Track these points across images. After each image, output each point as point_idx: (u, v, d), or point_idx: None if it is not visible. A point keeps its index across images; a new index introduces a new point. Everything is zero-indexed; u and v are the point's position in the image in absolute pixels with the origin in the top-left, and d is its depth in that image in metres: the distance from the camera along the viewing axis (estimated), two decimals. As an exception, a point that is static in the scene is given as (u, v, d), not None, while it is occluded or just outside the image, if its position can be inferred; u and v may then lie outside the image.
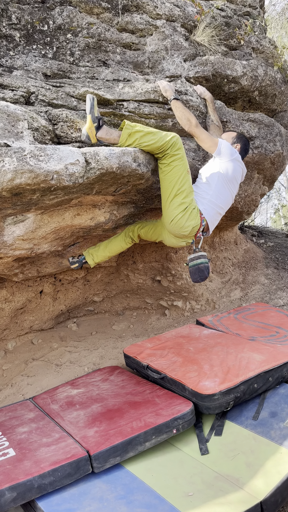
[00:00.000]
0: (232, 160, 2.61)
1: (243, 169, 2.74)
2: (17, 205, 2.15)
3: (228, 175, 2.62)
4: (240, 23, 3.34)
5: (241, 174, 2.72)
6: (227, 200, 2.68)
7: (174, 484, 1.81)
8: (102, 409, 2.29)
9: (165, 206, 2.50)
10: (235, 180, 2.68)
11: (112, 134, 2.37)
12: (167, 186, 2.45)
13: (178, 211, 2.45)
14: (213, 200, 2.59)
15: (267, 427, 2.03)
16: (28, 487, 1.72)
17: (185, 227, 2.48)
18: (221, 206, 2.65)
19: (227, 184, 2.63)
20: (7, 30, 2.50)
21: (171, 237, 2.64)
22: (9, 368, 3.18)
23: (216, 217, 2.65)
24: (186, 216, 2.46)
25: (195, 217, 2.48)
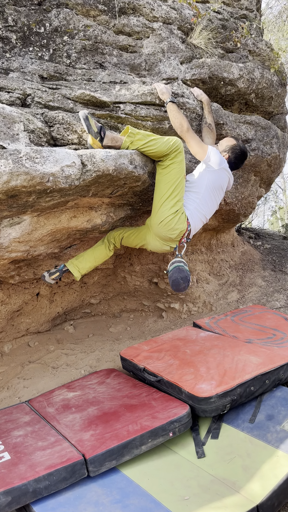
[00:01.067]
0: (220, 169, 2.63)
1: (230, 178, 2.76)
2: (13, 207, 2.14)
3: (215, 184, 2.64)
4: (236, 25, 3.35)
5: (227, 182, 2.74)
6: (212, 208, 2.71)
7: (170, 488, 1.80)
8: (98, 412, 2.27)
9: (157, 206, 2.49)
10: (221, 189, 2.71)
11: (117, 141, 2.38)
12: (163, 187, 2.45)
13: (170, 213, 2.45)
14: (198, 209, 2.61)
15: (263, 430, 2.03)
16: (23, 492, 1.71)
17: (174, 229, 2.48)
18: (205, 215, 2.68)
19: (213, 193, 2.66)
20: (4, 32, 2.50)
21: (156, 240, 2.62)
22: (5, 371, 3.16)
23: (199, 224, 2.68)
24: (176, 219, 2.46)
25: (183, 222, 2.50)
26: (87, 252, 2.82)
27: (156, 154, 2.41)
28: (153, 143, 2.37)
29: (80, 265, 2.76)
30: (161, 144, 2.37)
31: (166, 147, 2.37)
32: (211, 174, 2.62)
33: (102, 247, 2.82)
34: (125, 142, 2.37)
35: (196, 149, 2.60)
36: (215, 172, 2.62)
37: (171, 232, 2.50)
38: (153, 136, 2.39)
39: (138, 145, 2.37)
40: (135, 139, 2.36)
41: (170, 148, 2.37)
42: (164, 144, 2.37)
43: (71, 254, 3.04)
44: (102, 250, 2.81)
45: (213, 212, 2.77)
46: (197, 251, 4.03)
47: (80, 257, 2.79)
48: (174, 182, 2.43)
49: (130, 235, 2.77)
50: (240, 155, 2.80)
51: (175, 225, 2.47)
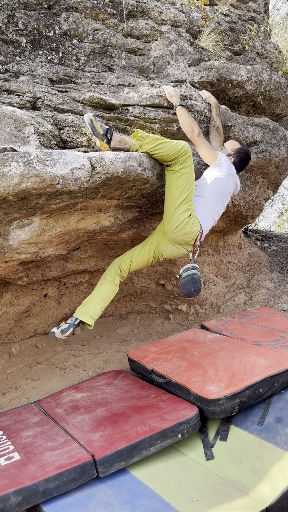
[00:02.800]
0: (228, 175, 2.66)
1: (237, 184, 2.79)
2: (23, 209, 2.16)
3: (224, 189, 2.67)
4: (244, 28, 3.36)
5: (234, 188, 2.78)
6: (219, 212, 2.73)
7: (179, 489, 1.80)
8: (107, 413, 2.28)
9: (170, 212, 2.50)
10: (229, 194, 2.74)
11: (126, 143, 2.39)
12: (174, 192, 2.45)
13: (184, 217, 2.46)
14: (208, 212, 2.64)
15: (272, 432, 2.02)
16: (33, 492, 1.72)
17: (190, 232, 2.51)
18: (214, 217, 2.71)
19: (221, 198, 2.69)
20: (14, 36, 2.52)
21: (172, 245, 2.61)
22: (13, 372, 3.18)
23: (209, 227, 2.71)
24: (191, 223, 2.49)
25: (197, 225, 2.53)
26: (93, 296, 2.61)
27: (164, 158, 2.42)
28: (162, 147, 2.38)
29: (90, 311, 2.55)
30: (169, 147, 2.38)
31: (174, 151, 2.37)
32: (220, 180, 2.64)
33: (106, 285, 2.63)
34: (134, 145, 2.38)
35: (207, 154, 2.63)
36: (223, 178, 2.65)
37: (187, 236, 2.52)
38: (162, 140, 2.40)
39: (146, 148, 2.38)
40: (144, 142, 2.38)
41: (178, 152, 2.38)
42: (173, 148, 2.38)
43: (79, 256, 3.05)
44: (107, 288, 2.62)
45: (220, 214, 2.79)
46: (204, 253, 4.03)
47: (87, 303, 2.58)
48: (185, 187, 2.44)
49: (140, 251, 2.69)
50: (244, 159, 2.84)
51: (191, 228, 2.49)
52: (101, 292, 2.61)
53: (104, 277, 2.68)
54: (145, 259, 2.70)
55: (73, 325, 2.52)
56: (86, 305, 2.57)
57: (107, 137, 2.32)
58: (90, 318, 2.53)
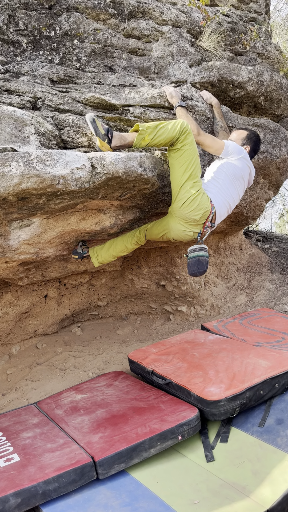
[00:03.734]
0: (240, 159, 2.59)
1: (251, 169, 2.70)
2: (23, 209, 2.15)
3: (236, 172, 2.59)
4: (245, 28, 3.35)
5: (248, 173, 2.69)
6: (233, 197, 2.64)
7: (180, 491, 1.79)
8: (107, 414, 2.27)
9: (176, 190, 2.45)
10: (242, 179, 2.65)
11: (126, 139, 2.35)
12: (178, 170, 2.41)
13: (191, 193, 2.40)
14: (221, 193, 2.56)
15: (273, 434, 2.01)
16: (32, 493, 1.71)
17: (198, 209, 2.43)
18: (229, 201, 2.61)
19: (234, 181, 2.60)
20: (14, 36, 2.52)
21: (179, 224, 2.55)
22: (13, 373, 3.17)
23: (223, 210, 2.60)
24: (199, 199, 2.42)
25: (206, 202, 2.45)
26: (108, 242, 2.85)
27: (167, 141, 2.37)
28: (162, 132, 2.34)
29: (99, 252, 2.84)
30: (170, 129, 2.34)
31: (175, 132, 2.34)
32: (230, 164, 2.59)
33: (123, 239, 2.82)
34: (137, 140, 2.33)
35: (215, 146, 2.57)
36: (234, 161, 2.58)
37: (195, 213, 2.44)
38: (160, 124, 2.36)
39: (149, 139, 2.34)
40: (145, 135, 2.34)
41: (179, 132, 2.35)
42: (173, 129, 2.34)
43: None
44: (122, 242, 2.82)
45: (236, 202, 2.71)
46: (204, 253, 4.02)
47: (102, 245, 2.86)
48: (190, 163, 2.39)
49: (154, 225, 2.74)
50: (257, 141, 2.78)
51: (199, 205, 2.42)
52: (116, 242, 2.83)
53: (126, 234, 2.85)
54: (156, 233, 2.73)
55: (82, 256, 2.84)
56: (100, 246, 2.86)
57: (108, 137, 2.30)
58: (96, 258, 2.84)
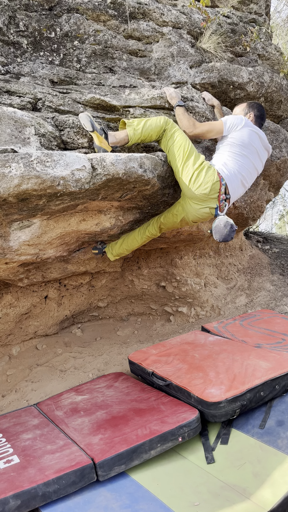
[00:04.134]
0: (242, 128, 2.52)
1: (260, 134, 2.59)
2: (23, 210, 2.15)
3: (243, 141, 2.51)
4: (246, 30, 3.35)
5: (258, 139, 2.57)
6: (246, 167, 2.55)
7: (180, 493, 1.79)
8: (107, 416, 2.27)
9: (179, 172, 2.45)
10: (253, 148, 2.55)
11: (120, 136, 2.39)
12: (176, 155, 2.44)
13: (193, 170, 2.40)
14: (229, 164, 2.50)
15: (274, 436, 2.01)
16: (32, 495, 1.71)
17: (205, 183, 2.40)
18: (241, 172, 2.52)
19: (243, 151, 2.52)
20: (15, 37, 2.52)
21: (194, 204, 2.50)
22: (13, 374, 3.17)
23: (235, 181, 2.51)
24: (203, 173, 2.40)
25: (212, 174, 2.41)
26: (123, 236, 2.94)
27: (157, 131, 2.45)
28: (150, 123, 2.43)
29: (113, 246, 2.95)
30: (155, 121, 2.44)
31: (161, 122, 2.44)
32: (234, 135, 2.53)
33: (135, 233, 2.87)
34: (129, 132, 2.39)
35: (213, 128, 2.55)
36: (237, 132, 2.52)
37: (203, 187, 2.40)
38: (146, 118, 2.45)
39: (139, 130, 2.40)
40: (134, 125, 2.40)
41: (164, 122, 2.45)
42: (158, 120, 2.45)
43: (79, 257, 3.04)
44: (134, 236, 2.87)
45: (252, 175, 2.62)
46: (205, 254, 4.02)
47: (115, 245, 2.95)
48: (183, 144, 2.42)
49: (166, 217, 2.71)
50: (258, 106, 2.73)
51: (204, 178, 2.40)
52: (129, 237, 2.90)
53: (139, 227, 2.89)
54: (173, 219, 2.69)
55: (101, 251, 2.99)
56: (115, 241, 2.97)
57: (105, 132, 2.32)
58: (111, 253, 2.96)
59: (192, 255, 3.86)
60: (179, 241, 3.44)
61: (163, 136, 2.49)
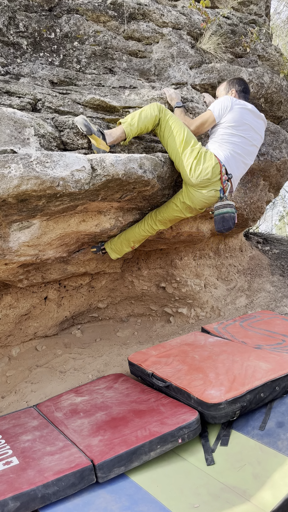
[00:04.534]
0: (232, 109, 2.52)
1: (251, 109, 2.58)
2: (23, 211, 2.15)
3: (235, 121, 2.52)
4: (246, 31, 3.35)
5: (251, 115, 2.57)
6: (243, 145, 2.56)
7: (180, 495, 1.78)
8: (107, 417, 2.26)
9: (180, 163, 2.47)
10: (246, 125, 2.55)
11: (116, 133, 2.39)
12: (173, 143, 2.45)
13: (192, 159, 2.42)
14: (223, 144, 2.51)
15: (274, 437, 2.00)
16: (31, 497, 1.70)
17: (205, 168, 2.42)
18: (237, 151, 2.53)
19: (236, 131, 2.53)
20: (15, 38, 2.52)
21: (200, 190, 2.51)
22: (13, 375, 3.16)
23: (231, 160, 2.52)
24: (202, 160, 2.42)
25: (210, 158, 2.44)
26: (122, 232, 2.88)
27: (153, 121, 2.45)
28: (145, 114, 2.42)
29: (113, 243, 2.91)
30: (149, 110, 2.44)
31: (155, 110, 2.44)
32: (224, 119, 2.53)
33: (135, 228, 2.82)
34: (126, 128, 2.39)
35: (205, 119, 2.54)
36: (227, 115, 2.52)
37: (204, 173, 2.43)
38: (137, 111, 2.44)
39: (135, 125, 2.40)
40: (129, 121, 2.40)
41: (158, 110, 2.45)
42: (151, 109, 2.44)
43: (79, 258, 3.04)
44: (134, 230, 2.82)
45: (251, 150, 2.61)
46: (205, 255, 4.02)
47: (115, 242, 2.90)
48: (179, 130, 2.44)
49: (164, 211, 2.68)
50: (238, 80, 2.71)
51: (204, 164, 2.42)
52: (125, 232, 2.86)
53: (138, 223, 2.85)
54: (174, 217, 2.70)
55: (99, 249, 2.96)
56: (113, 240, 2.91)
57: (102, 133, 2.32)
58: (110, 248, 2.92)
59: (192, 256, 3.85)
60: (179, 242, 3.43)
61: (158, 125, 2.49)
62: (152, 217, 2.74)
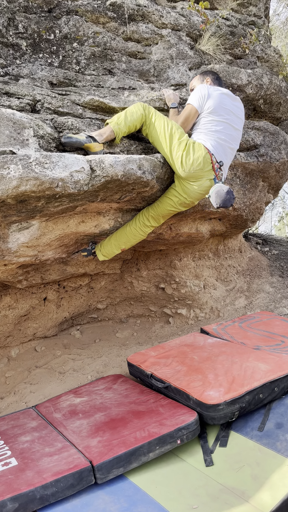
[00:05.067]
0: (210, 96, 2.51)
1: (226, 92, 2.58)
2: (22, 212, 2.15)
3: (214, 108, 2.50)
4: (245, 32, 3.36)
5: (228, 99, 2.57)
6: (227, 131, 2.55)
7: (178, 496, 1.78)
8: (105, 418, 2.26)
9: (169, 157, 2.47)
10: (225, 109, 2.54)
11: (105, 132, 2.38)
12: (160, 138, 2.45)
13: (181, 152, 2.41)
14: (208, 133, 2.50)
15: (273, 438, 2.00)
16: (30, 498, 1.70)
17: (196, 159, 2.41)
18: (221, 137, 2.52)
19: (217, 117, 2.51)
20: (14, 39, 2.52)
21: (193, 183, 2.50)
22: (12, 376, 3.16)
23: (219, 148, 2.51)
24: (190, 151, 2.41)
25: (199, 148, 2.43)
26: (113, 233, 2.79)
27: (139, 120, 2.45)
28: (130, 113, 2.42)
29: (103, 245, 2.82)
30: (135, 110, 2.43)
31: (140, 109, 2.44)
32: (204, 107, 2.52)
33: (128, 226, 2.73)
34: (114, 127, 2.38)
35: (188, 114, 2.52)
36: (206, 103, 2.51)
37: (196, 164, 2.43)
38: (123, 112, 2.44)
39: (122, 123, 2.39)
40: (115, 120, 2.39)
41: (143, 108, 2.45)
42: (137, 108, 2.44)
43: (78, 259, 3.04)
44: (125, 229, 2.74)
45: (235, 134, 2.59)
46: (204, 256, 4.02)
47: (106, 245, 2.81)
48: (164, 125, 2.44)
49: (161, 203, 2.65)
50: (211, 72, 2.71)
51: (194, 155, 2.41)
52: (115, 234, 2.77)
53: (123, 228, 2.78)
54: (169, 211, 2.66)
55: (90, 252, 2.89)
56: (103, 243, 2.83)
57: (92, 137, 2.33)
58: (99, 250, 2.84)
59: (191, 257, 3.85)
60: (178, 243, 3.44)
61: (144, 124, 2.49)
62: (144, 214, 2.69)
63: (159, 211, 2.64)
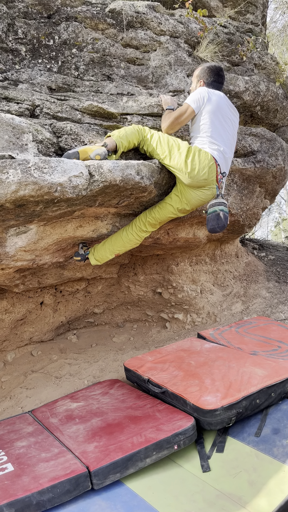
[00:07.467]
0: (208, 101, 2.50)
1: (220, 94, 2.57)
2: (20, 216, 2.15)
3: (211, 109, 2.49)
4: (242, 39, 3.39)
5: (225, 103, 2.57)
6: (223, 135, 2.53)
7: (175, 502, 1.77)
8: (102, 423, 2.25)
9: (173, 168, 2.47)
10: (222, 111, 2.53)
11: (111, 143, 2.39)
12: (160, 150, 2.48)
13: (184, 158, 2.41)
14: (210, 141, 2.49)
15: (269, 444, 2.00)
16: (26, 504, 1.69)
17: (201, 168, 2.41)
18: (224, 144, 2.53)
19: (215, 119, 2.50)
20: (13, 44, 2.53)
21: (196, 191, 2.51)
22: (8, 380, 3.15)
23: (220, 156, 2.50)
24: (197, 158, 2.41)
25: (206, 157, 2.42)
26: (108, 238, 2.76)
27: (137, 139, 2.49)
28: (129, 130, 2.45)
29: (96, 250, 2.76)
30: (131, 131, 2.46)
31: (135, 129, 2.48)
32: (203, 111, 2.51)
33: (122, 232, 2.71)
34: (116, 141, 2.39)
35: (182, 112, 2.49)
36: (205, 107, 2.50)
37: (201, 173, 2.43)
38: (124, 130, 2.45)
39: (124, 138, 2.41)
40: (117, 134, 2.41)
41: (137, 130, 2.49)
42: (132, 129, 2.47)
43: (76, 263, 3.04)
44: (120, 235, 2.71)
45: (232, 140, 2.61)
46: (201, 261, 4.03)
47: (100, 249, 2.76)
48: (160, 138, 2.47)
49: (160, 208, 2.64)
50: (206, 69, 2.65)
51: (200, 164, 2.41)
52: (115, 237, 2.73)
53: (125, 227, 2.77)
54: (167, 216, 2.65)
55: (84, 257, 2.82)
56: (96, 247, 2.78)
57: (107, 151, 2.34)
58: (92, 255, 2.78)
59: (188, 262, 3.86)
60: (175, 248, 3.45)
61: (142, 141, 2.52)
62: (141, 219, 2.67)
63: (158, 217, 2.64)
